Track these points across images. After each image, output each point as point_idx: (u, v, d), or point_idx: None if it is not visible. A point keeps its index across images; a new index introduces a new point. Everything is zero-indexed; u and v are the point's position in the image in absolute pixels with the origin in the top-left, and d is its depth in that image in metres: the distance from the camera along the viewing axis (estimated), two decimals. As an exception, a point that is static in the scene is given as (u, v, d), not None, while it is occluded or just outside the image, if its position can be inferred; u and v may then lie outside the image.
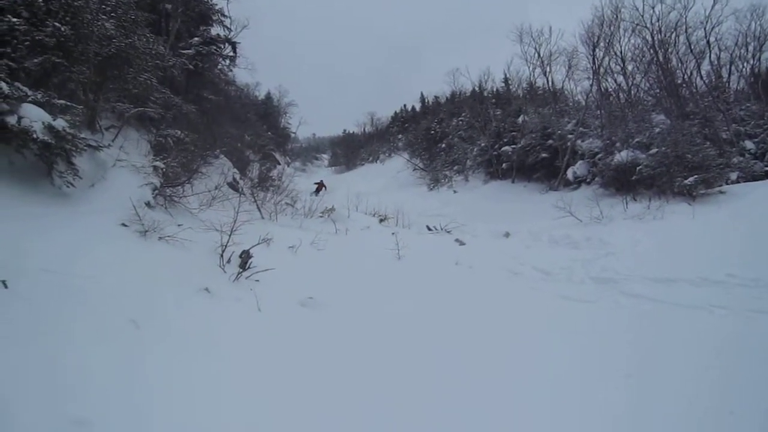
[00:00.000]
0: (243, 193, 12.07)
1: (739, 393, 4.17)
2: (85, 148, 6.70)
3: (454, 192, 27.84)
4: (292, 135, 58.09)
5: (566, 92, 33.83)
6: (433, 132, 39.62)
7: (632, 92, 27.89)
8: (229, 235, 6.89)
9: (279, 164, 35.02)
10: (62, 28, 7.86)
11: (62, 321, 3.83)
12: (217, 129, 15.81)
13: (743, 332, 5.50)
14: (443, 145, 36.55)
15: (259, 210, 11.30)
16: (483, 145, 29.53)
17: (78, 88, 8.13)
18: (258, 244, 7.38)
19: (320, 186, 27.84)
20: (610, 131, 21.57)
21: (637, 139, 18.52)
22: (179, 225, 7.05)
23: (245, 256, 6.86)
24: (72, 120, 6.81)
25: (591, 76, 26.83)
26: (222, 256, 6.71)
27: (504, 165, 26.70)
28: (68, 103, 7.09)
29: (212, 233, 7.17)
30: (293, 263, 8.01)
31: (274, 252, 7.94)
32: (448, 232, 14.54)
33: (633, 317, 6.48)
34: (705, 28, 26.46)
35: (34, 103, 6.33)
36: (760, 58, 29.20)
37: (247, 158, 20.94)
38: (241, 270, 6.62)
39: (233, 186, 12.84)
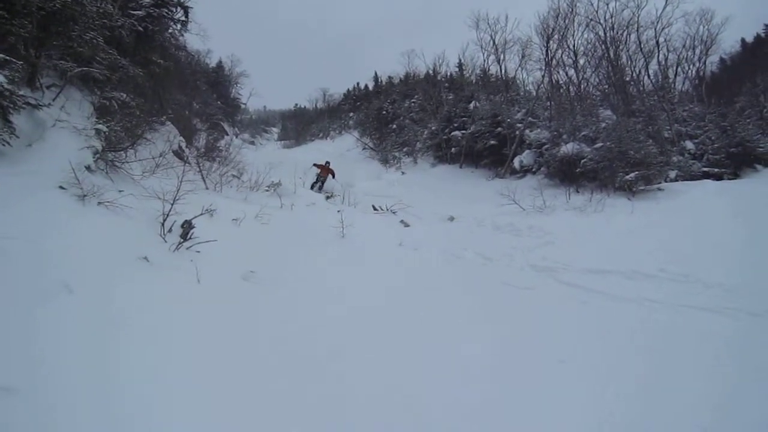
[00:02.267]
0: (188, 162, 11.83)
1: (662, 379, 4.38)
2: (24, 105, 6.44)
3: (402, 173, 27.88)
4: (243, 106, 57.00)
5: (518, 81, 34.36)
6: (384, 112, 39.52)
7: (582, 86, 28.50)
8: (172, 204, 6.74)
9: (227, 135, 34.40)
10: (4, -21, 7.52)
11: (-10, 283, 3.71)
12: (164, 95, 15.38)
13: (671, 325, 5.73)
14: (394, 126, 36.51)
15: (204, 180, 11.09)
16: (433, 128, 29.59)
17: (18, 43, 7.75)
18: (201, 214, 7.25)
19: (325, 170, 19.61)
20: (558, 123, 21.92)
21: (583, 133, 18.88)
22: (120, 191, 6.86)
23: (187, 226, 6.73)
24: (11, 75, 6.50)
25: (543, 67, 27.32)
26: (163, 224, 6.56)
27: (453, 150, 26.82)
28: (7, 58, 6.76)
29: (154, 201, 7.00)
30: (236, 236, 7.90)
31: (217, 224, 7.82)
32: (394, 213, 14.61)
33: (568, 305, 6.67)
34: (655, 29, 27.28)
35: (-30, 55, 6.05)
36: (705, 61, 30.35)
37: (194, 127, 20.46)
38: (182, 240, 6.50)
39: (178, 154, 12.53)
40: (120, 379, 3.47)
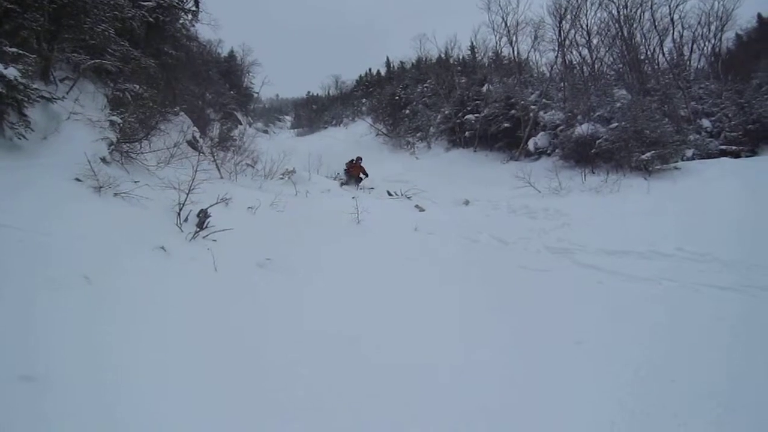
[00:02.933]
0: (202, 152, 11.87)
1: (679, 358, 4.37)
2: (38, 99, 6.51)
3: (417, 158, 27.82)
4: (255, 95, 56.94)
5: (531, 63, 33.95)
6: (397, 98, 39.22)
7: (596, 66, 28.11)
8: (187, 194, 6.78)
9: (240, 124, 34.41)
10: (14, -27, 7.55)
11: (11, 275, 3.77)
12: (177, 85, 15.40)
13: (688, 304, 5.71)
14: (407, 111, 36.24)
15: (219, 170, 11.13)
16: (447, 112, 29.42)
17: (31, 37, 7.82)
18: (216, 203, 7.30)
19: (356, 168, 18.40)
20: (572, 104, 21.70)
21: (598, 113, 18.69)
22: (136, 182, 6.92)
23: (203, 216, 6.78)
24: (24, 69, 6.56)
25: (556, 48, 26.92)
26: (179, 214, 6.62)
27: (467, 133, 26.68)
28: (20, 52, 6.82)
29: (170, 191, 7.05)
30: (252, 224, 7.95)
31: (233, 212, 7.87)
32: (409, 198, 14.60)
33: (585, 287, 6.66)
34: (669, 5, 26.78)
35: (-16, 50, 6.11)
36: (721, 38, 29.75)
37: (207, 117, 20.51)
38: (198, 229, 6.54)
39: (192, 144, 12.59)
40: (142, 369, 3.51)
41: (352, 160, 18.88)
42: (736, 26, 30.92)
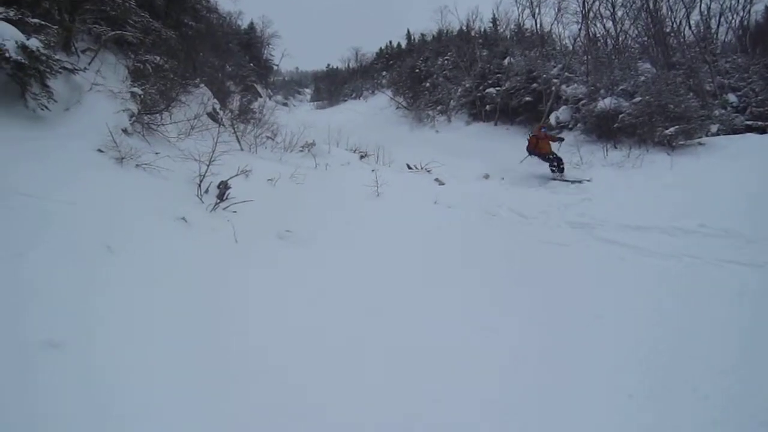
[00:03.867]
0: (223, 124, 11.89)
1: (700, 334, 4.34)
2: (60, 70, 6.51)
3: (437, 132, 27.68)
4: (275, 67, 56.80)
5: (554, 36, 33.45)
6: (417, 70, 38.88)
7: (620, 39, 27.62)
8: (208, 165, 6.82)
9: (260, 97, 34.37)
10: (36, -56, 7.53)
11: (37, 244, 3.82)
12: (197, 57, 15.39)
13: (711, 280, 5.65)
14: (427, 85, 35.92)
15: (239, 142, 11.15)
16: (467, 85, 29.15)
17: (53, 7, 7.83)
18: (236, 175, 7.32)
19: (545, 140, 13.85)
20: (595, 77, 21.37)
21: (621, 87, 18.39)
22: (157, 153, 6.96)
23: (223, 187, 6.81)
24: (47, 40, 6.59)
25: (580, 21, 26.45)
26: (200, 185, 6.66)
27: (487, 107, 26.45)
28: (42, 23, 6.83)
29: (190, 162, 7.08)
30: (272, 196, 7.98)
31: (253, 184, 7.89)
32: (428, 171, 14.53)
33: (606, 261, 6.63)
34: (698, -24, 26.14)
35: (7, 20, 6.09)
36: (750, 10, 28.95)
37: (227, 89, 20.50)
38: (218, 200, 6.59)
39: (213, 116, 12.60)
40: (165, 336, 3.57)
41: (533, 134, 14.34)
42: (767, -2, 30.12)
